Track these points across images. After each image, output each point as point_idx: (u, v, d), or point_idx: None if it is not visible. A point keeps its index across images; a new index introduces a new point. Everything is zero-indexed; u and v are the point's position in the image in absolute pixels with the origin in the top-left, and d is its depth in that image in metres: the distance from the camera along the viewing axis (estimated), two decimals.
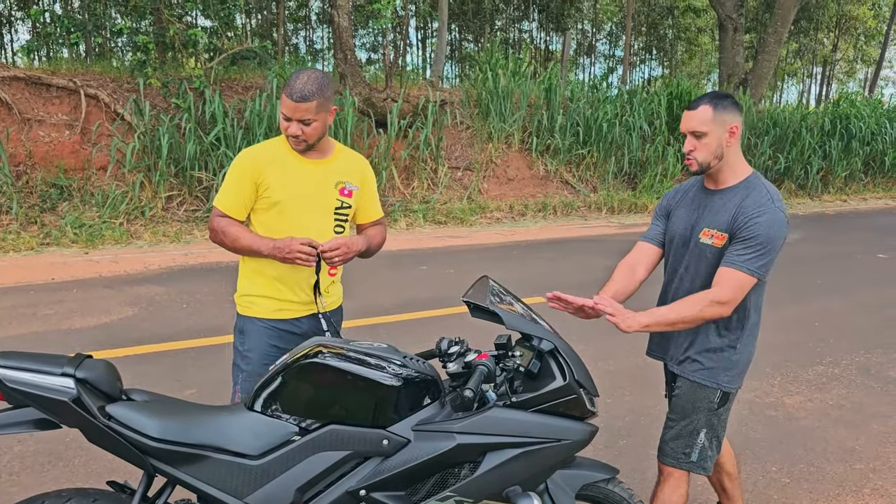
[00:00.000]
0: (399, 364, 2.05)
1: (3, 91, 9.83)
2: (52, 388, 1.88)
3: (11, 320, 5.41)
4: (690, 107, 2.40)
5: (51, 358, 1.97)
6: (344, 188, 2.60)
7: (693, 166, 2.43)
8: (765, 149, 15.19)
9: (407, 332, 5.43)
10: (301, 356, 2.03)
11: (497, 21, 27.02)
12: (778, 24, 17.49)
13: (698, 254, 2.46)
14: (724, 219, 2.38)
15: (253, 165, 2.49)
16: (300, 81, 2.37)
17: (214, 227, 2.52)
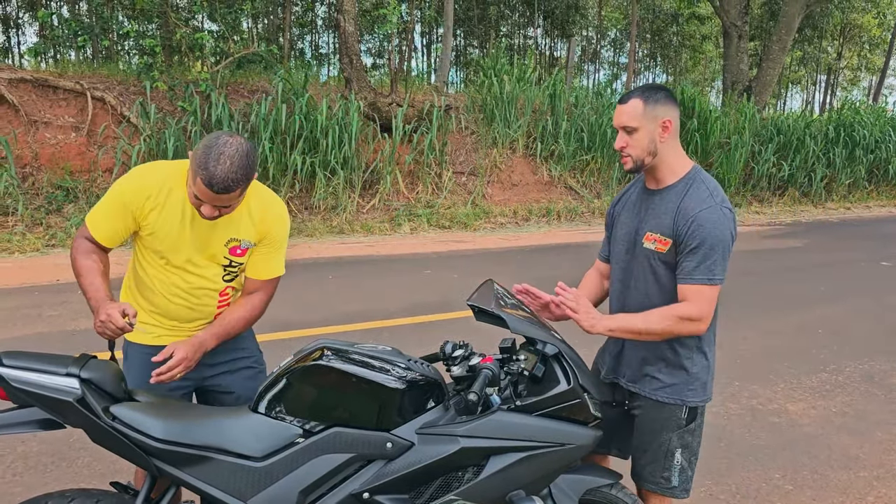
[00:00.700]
0: (403, 367, 2.05)
1: (11, 93, 9.87)
2: (56, 388, 1.88)
3: (16, 321, 5.43)
4: (621, 101, 2.26)
5: (55, 358, 1.97)
6: (237, 248, 2.27)
7: (627, 164, 2.27)
8: (768, 156, 15.17)
9: (411, 335, 5.43)
10: (305, 357, 2.04)
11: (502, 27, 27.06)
12: (782, 31, 17.50)
13: (643, 260, 2.30)
14: (666, 222, 2.23)
15: (137, 201, 2.14)
16: (222, 168, 1.94)
17: (74, 247, 2.21)
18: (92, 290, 2.11)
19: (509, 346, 2.19)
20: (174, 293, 2.26)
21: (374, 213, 10.83)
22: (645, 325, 2.19)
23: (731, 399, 4.48)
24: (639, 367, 2.37)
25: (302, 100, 10.72)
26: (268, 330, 5.33)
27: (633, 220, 2.38)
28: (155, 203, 2.13)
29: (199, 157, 1.96)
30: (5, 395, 1.93)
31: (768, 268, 8.73)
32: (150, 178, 2.15)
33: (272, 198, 2.32)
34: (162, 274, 2.25)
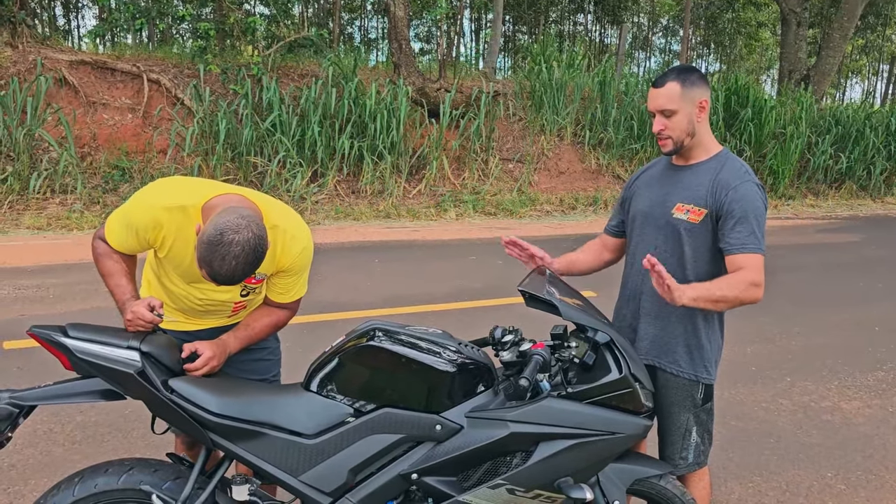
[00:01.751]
0: (454, 350, 2.06)
1: (71, 75, 10.16)
2: (118, 360, 1.93)
3: (76, 295, 5.61)
4: (656, 84, 2.26)
5: (117, 331, 2.03)
6: (252, 278, 2.18)
7: (668, 146, 2.29)
8: (826, 147, 14.71)
9: (457, 320, 5.44)
10: (357, 338, 2.06)
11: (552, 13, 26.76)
12: (844, 19, 16.89)
13: (670, 231, 2.30)
14: (701, 193, 2.25)
15: (149, 232, 2.08)
16: (227, 268, 1.81)
17: (93, 247, 2.18)
18: (118, 292, 2.12)
19: (560, 333, 2.17)
20: (190, 300, 2.25)
21: (420, 199, 10.86)
22: (721, 293, 2.14)
23: (782, 395, 4.39)
24: (656, 344, 2.38)
25: (351, 84, 10.78)
26: (315, 311, 5.40)
27: (657, 193, 2.38)
28: (168, 231, 2.06)
29: (203, 251, 1.81)
30: (69, 365, 1.99)
31: (823, 262, 8.48)
32: (163, 212, 2.04)
33: (296, 231, 2.17)
34: (177, 287, 2.24)
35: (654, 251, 2.34)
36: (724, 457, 3.57)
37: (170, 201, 2.04)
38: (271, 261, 2.14)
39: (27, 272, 6.24)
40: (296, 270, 2.22)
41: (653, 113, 2.29)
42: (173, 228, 2.05)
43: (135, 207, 2.07)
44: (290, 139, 10.08)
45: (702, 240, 2.26)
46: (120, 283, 2.12)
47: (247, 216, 1.85)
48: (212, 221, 1.83)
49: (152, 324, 2.01)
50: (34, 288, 5.76)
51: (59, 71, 10.04)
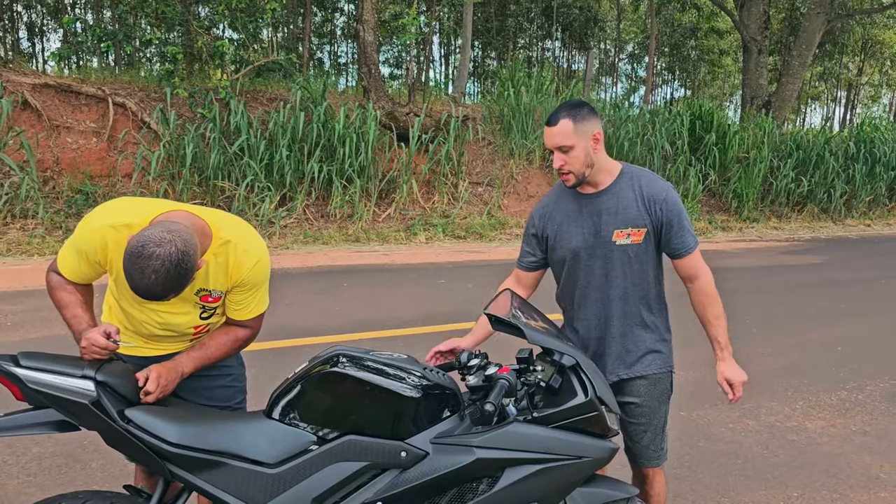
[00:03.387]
0: (419, 375, 2.04)
1: (34, 98, 10.01)
2: (72, 390, 1.88)
3: (34, 323, 5.47)
4: (550, 122, 2.35)
5: (72, 360, 1.97)
6: (208, 296, 2.14)
7: (570, 180, 2.38)
8: (788, 171, 15.06)
9: (425, 345, 5.39)
10: (320, 364, 2.03)
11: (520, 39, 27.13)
12: (803, 47, 17.40)
13: (619, 257, 2.41)
14: (632, 215, 2.37)
15: (98, 253, 2.04)
16: (146, 283, 1.76)
17: (47, 280, 2.15)
18: (75, 323, 2.07)
19: (526, 357, 2.16)
20: (149, 323, 2.18)
21: (390, 223, 10.85)
22: (719, 314, 2.52)
23: (748, 416, 4.42)
24: (632, 356, 2.51)
25: (320, 108, 10.77)
26: (282, 337, 5.33)
27: (586, 225, 2.44)
28: (115, 251, 2.01)
29: (125, 264, 1.77)
30: (21, 396, 1.93)
31: (787, 284, 8.63)
32: (109, 230, 2.00)
33: (249, 245, 2.13)
34: (135, 310, 2.16)
35: (606, 281, 2.45)
36: (692, 479, 3.58)
37: (115, 220, 2.00)
38: (225, 276, 2.11)
39: None
40: (251, 285, 2.17)
41: (551, 150, 2.37)
42: (120, 248, 2.00)
43: (82, 232, 2.04)
44: (258, 163, 10.02)
45: (649, 255, 2.43)
46: (76, 313, 2.08)
47: (174, 230, 1.79)
48: (137, 234, 1.79)
49: (108, 350, 1.96)
50: None
51: (22, 94, 9.88)
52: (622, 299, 2.45)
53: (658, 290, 2.53)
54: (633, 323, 2.48)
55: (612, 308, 2.46)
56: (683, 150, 14.05)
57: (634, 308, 2.48)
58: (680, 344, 5.73)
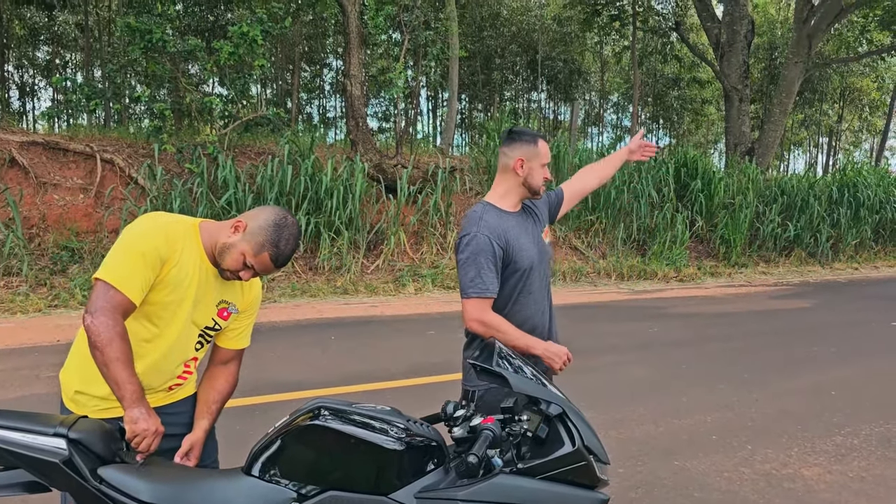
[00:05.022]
0: (402, 427, 1.98)
1: (21, 156, 10.04)
2: (42, 449, 1.82)
3: (13, 381, 5.35)
4: (544, 139, 2.74)
5: (44, 417, 1.92)
6: (225, 310, 2.24)
7: (543, 191, 2.80)
8: (773, 216, 15.20)
9: (414, 397, 5.32)
10: (301, 418, 1.97)
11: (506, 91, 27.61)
12: (783, 95, 17.76)
13: (546, 254, 2.80)
14: (544, 215, 2.86)
15: (169, 252, 2.05)
16: (290, 248, 2.09)
17: (105, 325, 1.91)
18: (132, 384, 1.95)
19: (511, 406, 2.11)
20: (146, 357, 2.13)
21: (379, 274, 10.82)
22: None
23: (743, 463, 4.34)
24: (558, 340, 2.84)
25: (308, 161, 10.84)
26: (268, 391, 5.24)
27: (532, 238, 2.74)
28: (178, 251, 2.07)
29: (269, 234, 2.05)
30: None
31: (777, 328, 8.61)
32: (174, 231, 2.08)
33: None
34: (139, 343, 2.11)
35: (545, 278, 2.79)
36: None
37: (170, 218, 2.13)
38: (241, 292, 2.27)
39: None
40: (255, 307, 2.37)
41: (548, 164, 2.75)
42: (181, 241, 2.08)
43: (139, 236, 2.04)
44: None
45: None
46: (132, 372, 1.96)
47: (286, 210, 2.15)
48: (260, 215, 2.09)
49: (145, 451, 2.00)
50: None
51: (9, 152, 9.91)
52: (549, 289, 2.85)
53: None
54: (552, 309, 2.85)
55: (549, 302, 2.82)
56: (670, 198, 14.19)
57: (550, 294, 2.86)
58: (672, 392, 5.69)
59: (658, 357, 6.91)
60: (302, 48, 22.51)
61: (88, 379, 2.14)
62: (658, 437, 4.70)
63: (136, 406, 1.95)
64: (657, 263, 13.03)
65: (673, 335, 7.91)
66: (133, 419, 1.94)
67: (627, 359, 6.81)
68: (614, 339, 7.61)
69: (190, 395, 2.35)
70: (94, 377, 2.10)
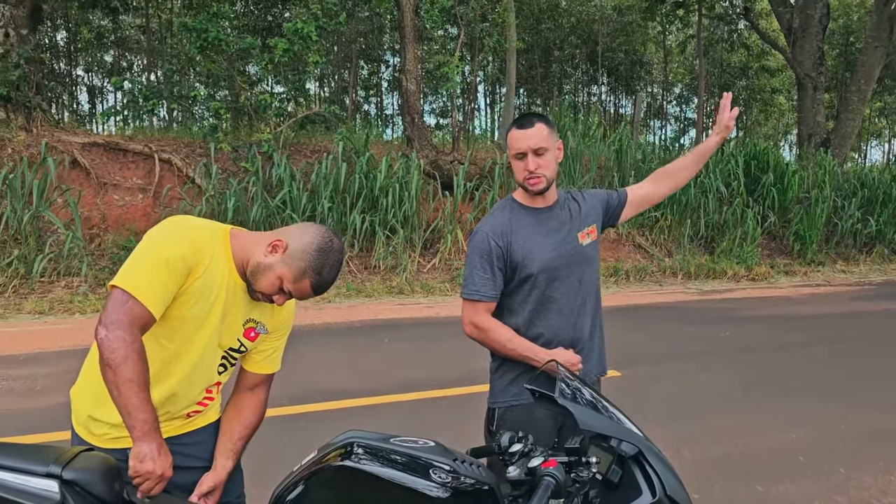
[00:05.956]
0: (448, 469, 1.68)
1: (84, 157, 10.14)
2: (31, 494, 1.58)
3: (64, 386, 5.25)
4: (523, 126, 2.35)
5: (38, 452, 1.69)
6: (253, 329, 2.01)
7: (541, 184, 2.37)
8: (853, 211, 14.30)
9: (469, 406, 5.01)
10: (331, 455, 1.70)
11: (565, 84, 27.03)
12: (861, 82, 16.75)
13: (584, 260, 2.50)
14: (591, 215, 2.56)
15: (193, 260, 1.81)
16: (332, 276, 1.87)
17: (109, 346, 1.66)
18: (145, 410, 1.68)
19: (577, 447, 1.78)
20: (165, 381, 1.90)
21: (435, 274, 10.56)
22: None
23: (837, 491, 3.89)
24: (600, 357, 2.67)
25: (363, 159, 10.66)
26: (319, 399, 5.02)
27: (553, 238, 2.44)
28: (206, 262, 1.84)
29: (312, 260, 1.82)
30: None
31: (863, 333, 7.97)
32: (202, 238, 1.85)
33: None
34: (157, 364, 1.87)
35: (580, 287, 2.47)
36: None
37: (198, 223, 1.91)
38: (271, 310, 2.02)
39: (19, 361, 5.94)
40: (287, 328, 2.12)
41: (522, 154, 2.35)
42: (209, 248, 1.85)
43: (163, 241, 1.80)
44: (300, 215, 9.90)
45: (597, 252, 2.60)
46: (146, 397, 1.69)
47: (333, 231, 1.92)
48: (303, 237, 1.84)
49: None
50: (23, 379, 5.45)
51: (72, 153, 10.02)
52: (592, 299, 2.54)
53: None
54: (597, 323, 2.60)
55: (589, 315, 2.53)
56: (740, 192, 13.48)
57: (595, 306, 2.58)
58: (749, 405, 5.23)
59: (732, 364, 6.43)
60: (359, 45, 22.46)
61: (102, 402, 1.90)
62: (737, 458, 4.28)
63: (146, 440, 1.69)
64: (727, 262, 12.38)
65: (747, 340, 7.38)
66: (140, 456, 1.68)
67: (697, 366, 6.35)
68: (682, 344, 7.14)
69: (211, 423, 2.10)
70: (108, 401, 1.84)
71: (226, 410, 2.13)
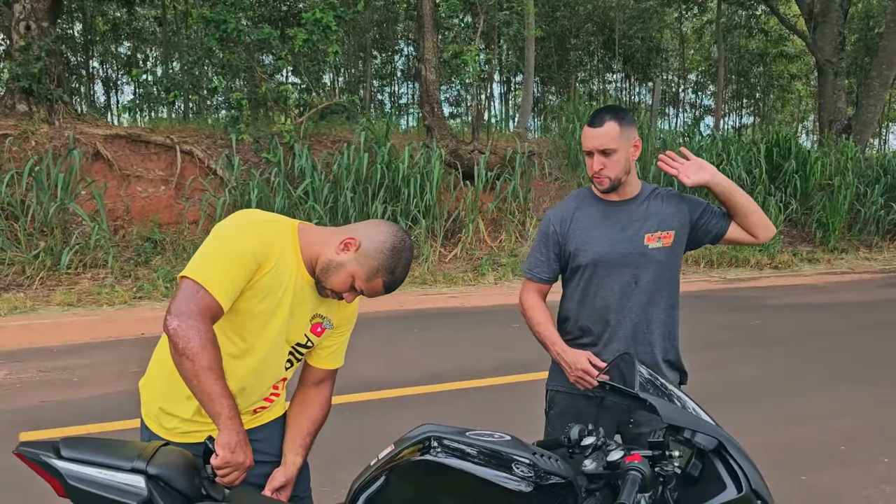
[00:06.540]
0: (528, 463, 1.67)
1: (106, 149, 10.17)
2: (119, 489, 1.58)
3: (100, 378, 5.31)
4: (593, 124, 2.32)
5: (121, 448, 1.69)
6: (319, 325, 1.99)
7: (604, 184, 2.36)
8: (876, 198, 14.14)
9: (509, 397, 5.02)
10: (409, 450, 1.68)
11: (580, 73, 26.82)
12: (883, 66, 16.51)
13: (647, 263, 2.37)
14: (655, 221, 2.38)
15: (263, 254, 1.79)
16: (404, 275, 1.87)
17: (184, 336, 1.63)
18: (230, 397, 1.69)
19: (661, 441, 1.76)
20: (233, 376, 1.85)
21: (457, 263, 10.54)
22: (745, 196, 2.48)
23: (884, 479, 3.85)
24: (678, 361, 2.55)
25: (384, 149, 10.64)
26: (357, 389, 5.02)
27: (613, 232, 2.39)
28: (277, 256, 1.82)
29: (386, 259, 1.82)
30: (63, 492, 1.64)
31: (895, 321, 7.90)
32: (271, 232, 1.83)
33: None
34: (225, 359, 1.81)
35: (635, 287, 2.38)
36: None
37: (266, 217, 1.90)
38: (336, 305, 2.00)
39: (53, 353, 5.98)
40: (351, 323, 2.12)
41: (590, 152, 2.33)
42: (278, 243, 1.84)
43: (233, 234, 1.79)
44: (322, 206, 9.90)
45: (674, 261, 2.43)
46: (225, 383, 1.69)
47: (400, 227, 1.91)
48: (376, 235, 1.84)
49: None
50: (58, 370, 5.48)
51: (94, 145, 10.06)
52: (654, 306, 2.41)
53: (677, 296, 2.49)
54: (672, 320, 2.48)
55: (645, 317, 2.41)
56: (762, 180, 13.36)
57: (656, 313, 2.43)
58: (787, 393, 5.19)
59: (766, 353, 6.38)
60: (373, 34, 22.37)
61: (174, 396, 1.91)
62: (779, 448, 4.24)
63: (233, 428, 1.68)
64: (749, 249, 12.27)
65: (778, 328, 7.33)
66: (230, 445, 1.67)
67: (733, 355, 6.32)
68: (714, 333, 7.10)
69: (277, 419, 2.10)
70: (181, 395, 1.88)
71: (291, 406, 2.12)
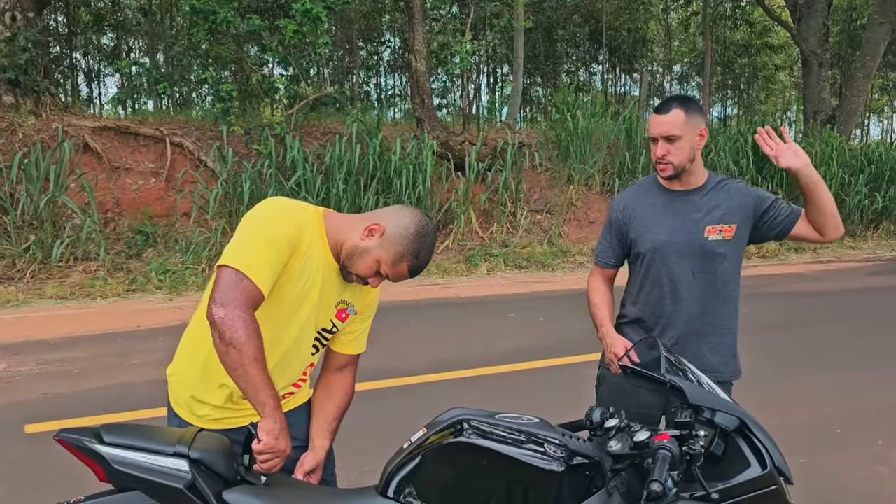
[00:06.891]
0: (559, 444, 1.72)
1: (95, 141, 10.09)
2: (164, 472, 1.61)
3: (100, 370, 5.31)
4: (660, 111, 2.36)
5: (160, 433, 1.72)
6: (344, 311, 2.02)
7: (668, 171, 2.37)
8: (860, 187, 14.33)
9: (514, 385, 5.08)
10: (442, 433, 1.73)
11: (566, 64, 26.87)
12: (867, 58, 16.71)
13: (706, 256, 2.39)
14: (718, 213, 2.38)
15: (296, 240, 1.83)
16: (428, 259, 1.92)
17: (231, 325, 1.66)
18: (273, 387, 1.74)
19: (688, 421, 1.81)
20: (299, 368, 1.99)
21: (449, 254, 10.58)
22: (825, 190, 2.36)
23: (879, 461, 3.95)
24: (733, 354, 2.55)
25: (375, 140, 10.64)
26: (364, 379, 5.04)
27: (674, 221, 2.41)
28: (307, 242, 1.85)
29: (411, 244, 1.86)
30: (104, 477, 1.67)
31: (883, 308, 8.04)
32: (301, 219, 1.87)
33: None
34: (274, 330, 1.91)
35: (692, 278, 2.40)
36: None
37: (294, 203, 1.94)
38: (359, 291, 2.04)
39: (51, 345, 5.96)
40: (373, 308, 2.16)
41: (654, 138, 2.36)
42: (309, 230, 1.88)
43: (266, 221, 1.82)
44: (314, 197, 9.88)
45: (735, 255, 2.42)
46: (268, 373, 1.74)
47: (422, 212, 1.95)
48: (400, 220, 1.87)
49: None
50: (58, 363, 5.47)
51: (83, 137, 9.97)
52: (711, 299, 2.42)
53: (738, 290, 2.48)
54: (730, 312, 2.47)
55: (695, 306, 2.41)
56: (749, 170, 13.51)
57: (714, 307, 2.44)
58: (780, 380, 5.29)
59: (757, 341, 6.43)
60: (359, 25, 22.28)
61: (208, 384, 1.94)
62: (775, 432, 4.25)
63: (277, 416, 1.74)
64: None
65: (768, 317, 7.44)
66: (274, 432, 1.72)
67: None
68: None
69: (303, 404, 2.14)
70: (214, 382, 1.92)
71: (315, 392, 2.16)
